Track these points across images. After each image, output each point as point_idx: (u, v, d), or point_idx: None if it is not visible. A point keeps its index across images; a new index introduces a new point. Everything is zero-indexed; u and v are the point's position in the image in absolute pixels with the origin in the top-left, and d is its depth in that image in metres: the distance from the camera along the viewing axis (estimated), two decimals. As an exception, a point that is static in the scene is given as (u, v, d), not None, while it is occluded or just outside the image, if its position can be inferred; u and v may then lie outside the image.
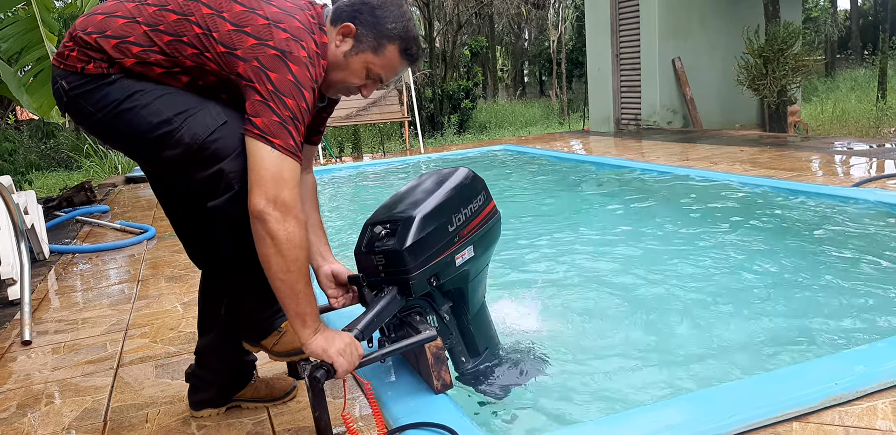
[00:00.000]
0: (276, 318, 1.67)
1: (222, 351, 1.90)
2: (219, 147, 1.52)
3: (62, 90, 1.56)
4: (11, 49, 5.06)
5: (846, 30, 29.02)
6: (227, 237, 1.60)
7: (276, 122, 1.45)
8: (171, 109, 1.53)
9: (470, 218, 1.93)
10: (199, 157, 1.53)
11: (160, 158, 1.57)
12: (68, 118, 6.61)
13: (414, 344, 1.78)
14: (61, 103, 1.60)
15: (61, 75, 1.56)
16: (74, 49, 1.54)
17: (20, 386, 2.31)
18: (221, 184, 1.53)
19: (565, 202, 5.21)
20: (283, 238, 1.46)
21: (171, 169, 1.61)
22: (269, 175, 1.45)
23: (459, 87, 15.93)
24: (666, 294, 2.91)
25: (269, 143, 1.45)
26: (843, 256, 3.23)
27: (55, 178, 11.54)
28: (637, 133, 8.87)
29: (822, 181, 4.62)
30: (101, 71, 1.53)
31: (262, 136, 1.45)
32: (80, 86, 1.54)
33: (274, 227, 1.45)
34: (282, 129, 1.45)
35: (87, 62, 1.53)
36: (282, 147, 1.46)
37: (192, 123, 1.53)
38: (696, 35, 8.91)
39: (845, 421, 1.65)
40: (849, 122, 10.90)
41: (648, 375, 2.19)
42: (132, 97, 1.53)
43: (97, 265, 4.00)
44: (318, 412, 1.66)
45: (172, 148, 1.53)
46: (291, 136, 1.47)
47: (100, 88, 1.53)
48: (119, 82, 1.53)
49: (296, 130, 1.47)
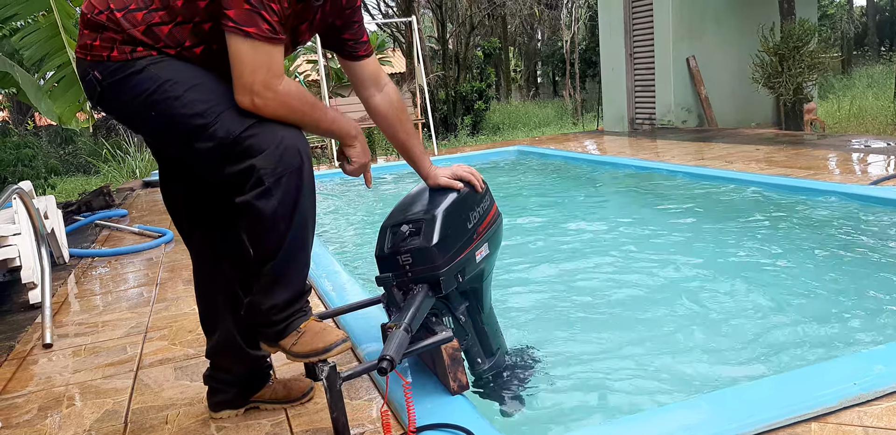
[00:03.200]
0: (295, 318, 1.68)
1: (231, 348, 1.91)
2: (252, 143, 1.55)
3: (95, 81, 1.59)
4: (33, 56, 5.13)
5: (862, 26, 28.71)
6: (252, 233, 1.62)
7: (246, 11, 1.49)
8: (204, 102, 1.56)
9: (483, 216, 2.00)
10: (232, 152, 1.55)
11: (192, 149, 1.59)
12: (93, 119, 6.65)
13: (430, 345, 1.79)
14: (94, 95, 1.62)
15: (91, 66, 1.59)
16: (96, 37, 1.57)
17: (41, 388, 2.35)
18: (251, 179, 1.55)
19: (575, 201, 5.20)
20: (284, 111, 1.57)
21: (200, 160, 1.63)
22: (246, 68, 1.52)
23: (472, 88, 15.93)
24: (681, 294, 2.90)
25: (245, 33, 1.50)
26: (860, 254, 3.20)
27: (74, 182, 11.67)
28: (651, 132, 8.83)
29: (840, 179, 4.57)
30: (125, 56, 1.56)
31: (237, 28, 1.50)
32: (110, 75, 1.57)
33: (272, 110, 1.56)
34: (253, 15, 1.49)
35: (110, 49, 1.56)
36: (257, 34, 1.51)
37: (226, 118, 1.56)
38: (711, 33, 8.85)
39: (864, 421, 1.64)
40: (866, 120, 10.78)
41: (665, 375, 2.19)
42: (163, 88, 1.56)
43: (116, 269, 4.04)
44: (336, 413, 1.67)
45: (205, 140, 1.56)
46: (265, 19, 1.51)
47: (130, 78, 1.56)
48: (147, 71, 1.56)
49: (269, 12, 1.51)
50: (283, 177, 1.55)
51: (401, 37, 18.04)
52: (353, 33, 1.86)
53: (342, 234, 4.79)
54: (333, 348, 1.65)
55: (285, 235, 1.60)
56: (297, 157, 1.58)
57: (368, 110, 1.97)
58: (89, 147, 14.02)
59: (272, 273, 1.63)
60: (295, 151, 1.58)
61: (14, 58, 6.77)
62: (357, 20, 1.87)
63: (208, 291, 1.91)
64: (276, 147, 1.55)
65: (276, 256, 1.61)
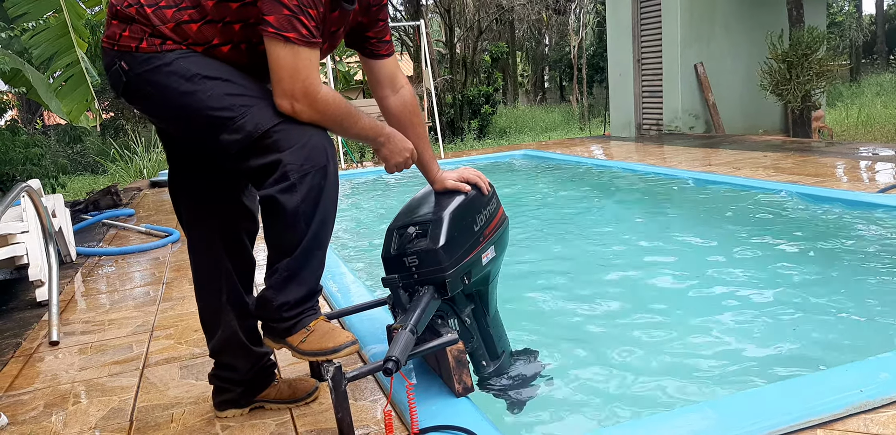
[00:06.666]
0: (306, 316, 1.69)
1: (235, 344, 1.91)
2: (281, 138, 1.56)
3: (121, 71, 1.60)
4: (42, 55, 5.17)
5: (871, 34, 28.64)
6: (272, 228, 1.63)
7: (286, 16, 1.51)
8: (233, 96, 1.58)
9: (490, 219, 2.00)
10: (260, 145, 1.57)
11: (217, 140, 1.60)
12: (100, 118, 6.66)
13: (436, 347, 1.79)
14: (119, 85, 1.63)
15: (118, 57, 1.60)
16: (125, 28, 1.58)
17: (48, 386, 2.36)
18: (276, 173, 1.56)
19: (581, 205, 5.20)
20: (319, 118, 1.60)
21: (224, 151, 1.63)
22: (286, 73, 1.54)
23: (480, 92, 15.92)
24: (687, 299, 2.90)
25: (285, 39, 1.52)
26: (866, 262, 3.19)
27: (81, 181, 11.71)
28: (658, 138, 8.82)
29: (847, 187, 4.56)
30: (154, 48, 1.57)
31: (277, 34, 1.52)
32: (138, 65, 1.58)
33: (309, 116, 1.59)
34: (292, 20, 1.52)
35: (139, 40, 1.57)
36: (297, 39, 1.53)
37: (256, 113, 1.58)
38: (719, 40, 8.85)
39: (870, 428, 1.63)
40: (874, 128, 10.75)
41: (670, 381, 2.18)
42: (192, 81, 1.57)
43: (123, 268, 4.06)
44: (341, 413, 1.67)
45: (233, 133, 1.57)
46: (304, 25, 1.53)
47: (158, 70, 1.58)
48: (176, 64, 1.57)
49: (307, 18, 1.54)
50: (308, 174, 1.56)
51: (409, 41, 18.07)
52: (376, 32, 1.87)
53: (348, 234, 4.80)
54: (343, 349, 1.66)
55: (305, 232, 1.61)
56: (324, 157, 1.60)
57: (382, 111, 1.97)
58: (97, 146, 14.08)
59: (287, 269, 1.64)
60: (322, 150, 1.60)
61: (23, 56, 6.82)
62: (382, 18, 1.87)
63: (211, 288, 1.91)
64: (303, 144, 1.57)
65: (293, 252, 1.62)
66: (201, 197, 1.84)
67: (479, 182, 2.03)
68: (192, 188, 1.84)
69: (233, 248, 1.87)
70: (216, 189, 1.82)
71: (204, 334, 1.97)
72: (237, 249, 1.88)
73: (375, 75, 1.94)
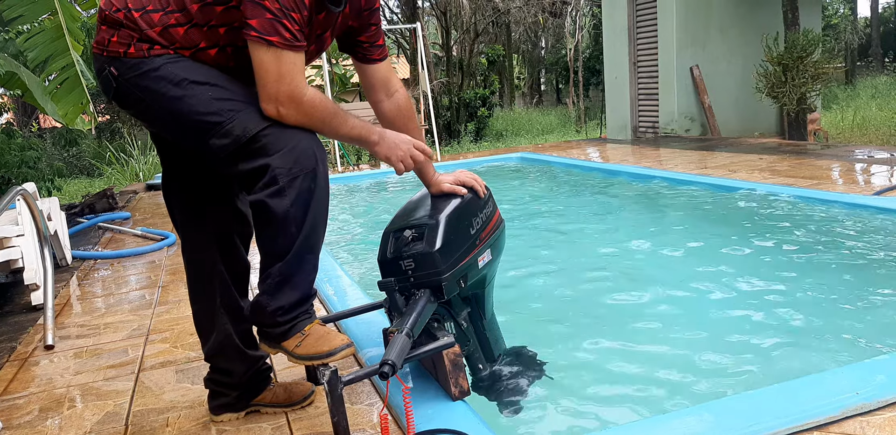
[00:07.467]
0: (300, 320, 1.68)
1: (228, 349, 1.91)
2: (269, 142, 1.56)
3: (111, 77, 1.61)
4: (38, 58, 5.16)
5: (867, 37, 28.75)
6: (263, 232, 1.63)
7: (269, 20, 1.51)
8: (221, 101, 1.58)
9: (486, 222, 2.00)
10: (248, 149, 1.57)
11: (207, 146, 1.60)
12: (95, 121, 6.68)
13: (432, 350, 1.79)
14: (109, 90, 1.64)
15: (107, 62, 1.61)
16: (113, 33, 1.59)
17: (43, 390, 2.35)
18: (265, 178, 1.56)
19: (577, 207, 5.21)
20: (306, 121, 1.59)
21: (214, 155, 1.63)
22: (271, 77, 1.54)
23: (476, 95, 15.95)
24: (684, 302, 2.90)
25: (268, 43, 1.52)
26: (863, 265, 3.20)
27: (77, 185, 11.69)
28: (654, 141, 8.84)
29: (843, 190, 4.57)
30: (142, 54, 1.58)
31: (260, 38, 1.52)
32: (128, 71, 1.59)
33: (295, 119, 1.58)
34: (275, 24, 1.51)
35: (127, 46, 1.58)
36: (280, 43, 1.52)
37: (244, 117, 1.57)
38: (715, 43, 8.88)
39: (867, 431, 1.63)
40: (869, 130, 10.78)
41: (667, 383, 2.19)
42: (180, 86, 1.58)
43: (118, 271, 4.05)
44: (337, 417, 1.67)
45: (221, 137, 1.57)
46: (287, 28, 1.53)
47: (146, 75, 1.58)
48: (164, 69, 1.58)
49: (290, 21, 1.53)
50: (297, 178, 1.56)
51: (405, 43, 18.10)
52: (368, 36, 1.87)
53: (344, 238, 4.80)
54: (337, 352, 1.65)
55: (296, 236, 1.60)
56: (313, 160, 1.59)
57: (377, 115, 1.97)
58: (93, 149, 14.06)
59: (280, 274, 1.63)
60: (311, 154, 1.59)
61: (19, 59, 6.81)
62: (374, 23, 1.87)
63: (205, 291, 1.91)
64: (292, 148, 1.56)
65: (285, 257, 1.61)
66: (194, 200, 1.84)
67: (475, 185, 2.03)
68: (186, 191, 1.84)
69: (226, 251, 1.87)
70: (209, 192, 1.82)
71: (199, 338, 1.97)
72: (231, 251, 1.88)
73: (369, 80, 1.94)
